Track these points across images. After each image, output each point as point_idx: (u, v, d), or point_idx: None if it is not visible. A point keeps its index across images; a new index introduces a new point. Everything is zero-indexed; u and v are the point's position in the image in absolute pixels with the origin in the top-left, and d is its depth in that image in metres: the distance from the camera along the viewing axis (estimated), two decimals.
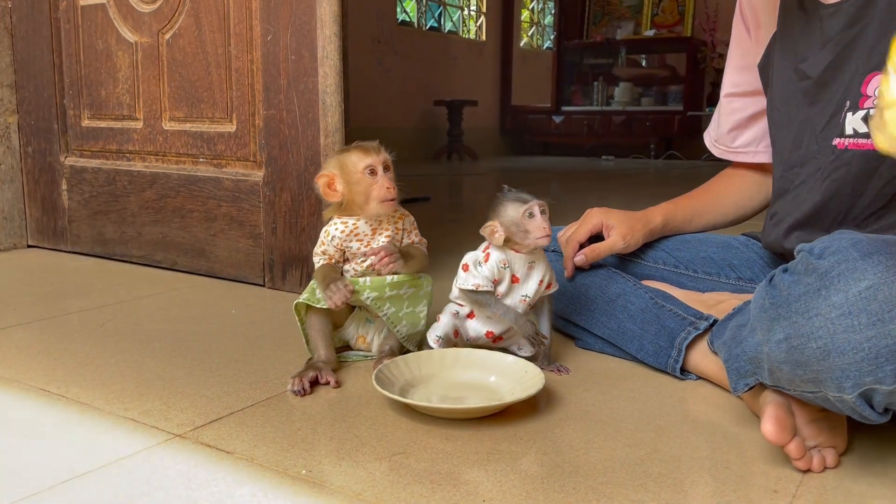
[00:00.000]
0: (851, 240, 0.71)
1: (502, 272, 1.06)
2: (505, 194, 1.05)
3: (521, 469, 0.81)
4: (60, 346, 1.23)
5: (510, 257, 1.06)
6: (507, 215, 1.04)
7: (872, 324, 0.67)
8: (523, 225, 1.03)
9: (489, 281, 1.06)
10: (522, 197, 1.04)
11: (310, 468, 0.81)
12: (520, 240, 1.04)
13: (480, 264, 1.07)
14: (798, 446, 0.78)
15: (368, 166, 1.06)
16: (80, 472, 0.80)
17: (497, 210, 1.05)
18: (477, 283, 1.06)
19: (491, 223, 1.05)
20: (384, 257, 1.07)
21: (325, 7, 1.43)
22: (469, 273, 1.07)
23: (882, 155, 0.96)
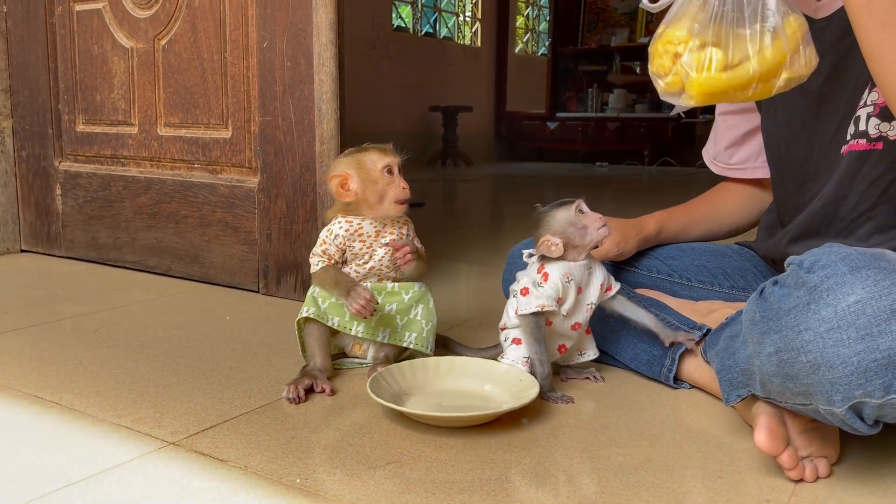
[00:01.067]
0: (840, 254, 0.71)
1: (566, 287, 1.03)
2: (543, 208, 1.04)
3: (515, 478, 0.82)
4: (54, 353, 1.23)
5: (571, 269, 1.03)
6: (558, 221, 1.02)
7: (861, 338, 0.67)
8: (579, 222, 1.01)
9: (553, 300, 1.02)
10: (564, 201, 1.03)
11: (304, 477, 0.81)
12: (579, 240, 1.02)
13: (540, 285, 1.03)
14: (790, 456, 0.79)
15: (386, 166, 1.07)
16: (73, 480, 0.80)
17: (543, 224, 1.03)
18: (542, 304, 1.01)
19: (543, 238, 1.02)
20: (408, 253, 1.07)
21: (322, 14, 1.43)
22: (531, 295, 1.03)
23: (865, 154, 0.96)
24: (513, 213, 3.56)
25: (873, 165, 0.95)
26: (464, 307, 1.61)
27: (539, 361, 1.03)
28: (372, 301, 1.04)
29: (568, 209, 1.02)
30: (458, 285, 1.84)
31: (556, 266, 1.03)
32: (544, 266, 1.04)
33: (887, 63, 0.77)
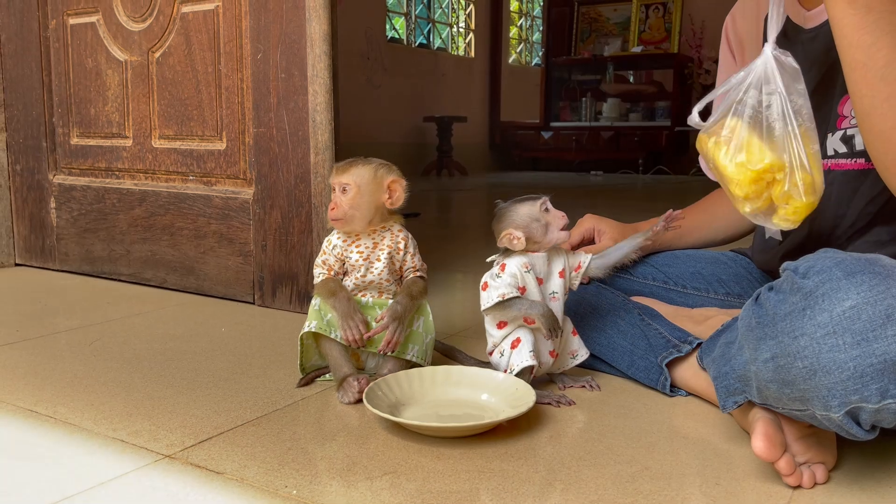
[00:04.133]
0: (835, 259, 0.72)
1: (525, 277, 1.03)
2: (506, 203, 1.05)
3: (512, 487, 0.81)
4: (48, 366, 1.22)
5: (531, 259, 1.04)
6: (521, 216, 1.02)
7: (857, 343, 0.67)
8: (543, 219, 1.02)
9: (513, 288, 1.03)
10: (530, 196, 1.04)
11: (300, 488, 0.81)
12: (541, 237, 1.02)
13: (498, 276, 1.04)
14: (788, 462, 0.79)
15: (332, 184, 1.09)
16: (69, 494, 0.79)
17: (506, 218, 1.03)
18: (502, 293, 1.02)
19: (506, 231, 1.03)
20: (390, 341, 1.06)
21: (315, 26, 1.44)
22: (490, 288, 1.04)
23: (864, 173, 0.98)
24: None
25: (871, 184, 0.95)
26: (459, 317, 1.61)
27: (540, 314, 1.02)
28: (361, 339, 1.05)
29: (532, 205, 1.03)
30: (454, 295, 1.84)
31: (514, 258, 1.04)
32: (503, 260, 1.05)
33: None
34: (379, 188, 1.08)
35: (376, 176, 1.08)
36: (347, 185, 1.07)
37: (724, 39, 1.23)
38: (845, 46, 0.79)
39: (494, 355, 1.09)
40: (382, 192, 1.08)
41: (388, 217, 1.11)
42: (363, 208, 1.07)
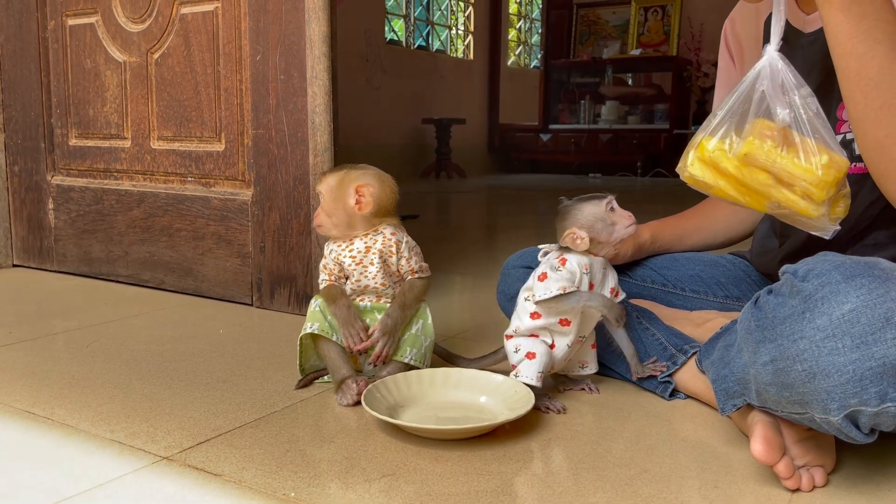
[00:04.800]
0: (834, 262, 0.72)
1: (583, 278, 1.01)
2: (571, 201, 1.03)
3: (511, 490, 0.81)
4: (45, 368, 1.22)
5: (590, 261, 1.02)
6: (587, 215, 1.00)
7: (856, 346, 0.67)
8: (609, 218, 1.00)
9: (572, 283, 1.00)
10: (595, 195, 1.02)
11: (298, 491, 0.81)
12: (605, 237, 1.00)
13: (558, 269, 1.01)
14: (787, 466, 0.79)
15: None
16: (66, 496, 0.79)
17: (570, 216, 1.01)
18: (563, 286, 0.99)
19: (569, 231, 1.00)
20: (379, 355, 1.07)
21: (315, 28, 1.44)
22: (549, 280, 1.01)
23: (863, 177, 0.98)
24: (506, 224, 3.56)
25: (870, 189, 0.95)
26: (458, 319, 1.61)
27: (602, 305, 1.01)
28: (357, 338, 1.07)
29: (598, 204, 1.01)
30: (453, 297, 1.84)
31: (576, 255, 1.01)
32: (563, 254, 1.02)
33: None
34: (345, 194, 1.09)
35: (342, 182, 1.09)
36: (320, 194, 1.11)
37: (724, 43, 1.22)
38: (839, 54, 0.79)
39: (512, 341, 1.06)
40: (349, 197, 1.08)
41: (380, 220, 1.11)
42: (335, 215, 1.10)
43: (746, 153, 0.81)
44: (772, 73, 0.82)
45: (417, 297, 1.12)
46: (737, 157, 0.82)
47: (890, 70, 0.76)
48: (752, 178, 0.82)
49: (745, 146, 0.81)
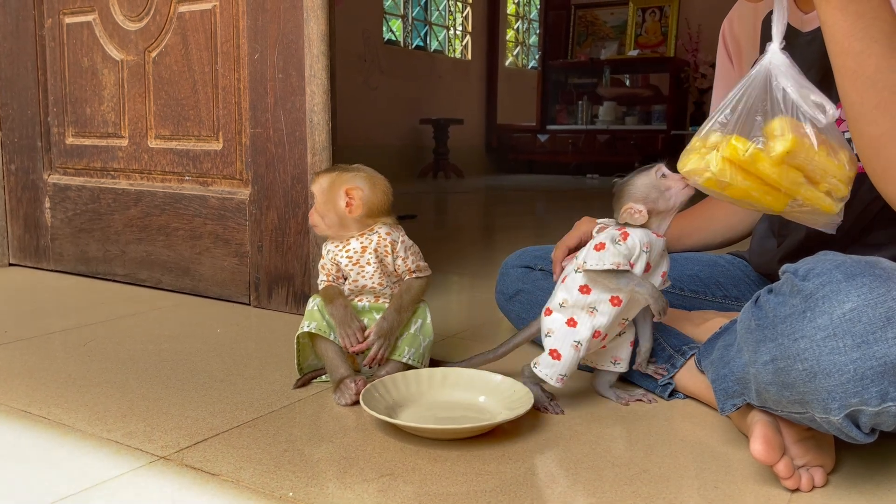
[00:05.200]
0: (835, 262, 0.71)
1: (641, 256, 0.97)
2: (623, 179, 1.00)
3: (510, 490, 0.81)
4: (42, 367, 1.22)
5: (652, 241, 0.98)
6: (639, 188, 0.97)
7: (857, 346, 0.67)
8: (662, 185, 0.97)
9: (627, 260, 0.96)
10: (644, 168, 0.99)
11: (296, 490, 0.80)
12: (663, 204, 0.97)
13: (618, 242, 0.97)
14: (787, 466, 0.78)
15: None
16: (63, 496, 0.79)
17: (625, 193, 0.98)
18: (617, 262, 0.95)
19: (626, 206, 0.97)
20: (374, 357, 1.07)
21: (313, 26, 1.43)
22: (606, 251, 0.96)
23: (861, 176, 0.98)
24: (504, 225, 3.56)
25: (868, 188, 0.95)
26: (456, 319, 1.60)
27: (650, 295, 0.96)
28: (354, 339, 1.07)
29: (648, 174, 0.98)
30: (451, 297, 1.83)
31: (638, 232, 0.98)
32: (625, 228, 0.99)
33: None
34: (336, 196, 1.09)
35: (333, 185, 1.10)
36: (313, 194, 1.11)
37: (722, 44, 1.22)
38: (836, 53, 0.79)
39: (550, 319, 1.02)
40: (341, 199, 1.08)
41: (374, 220, 1.10)
42: (327, 216, 1.10)
43: (789, 151, 0.80)
44: (788, 73, 0.82)
45: (415, 298, 1.12)
46: (777, 156, 0.80)
47: (887, 69, 0.76)
48: (786, 177, 0.81)
49: (789, 144, 0.80)
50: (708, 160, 0.84)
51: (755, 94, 0.82)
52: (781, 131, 0.80)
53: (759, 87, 0.82)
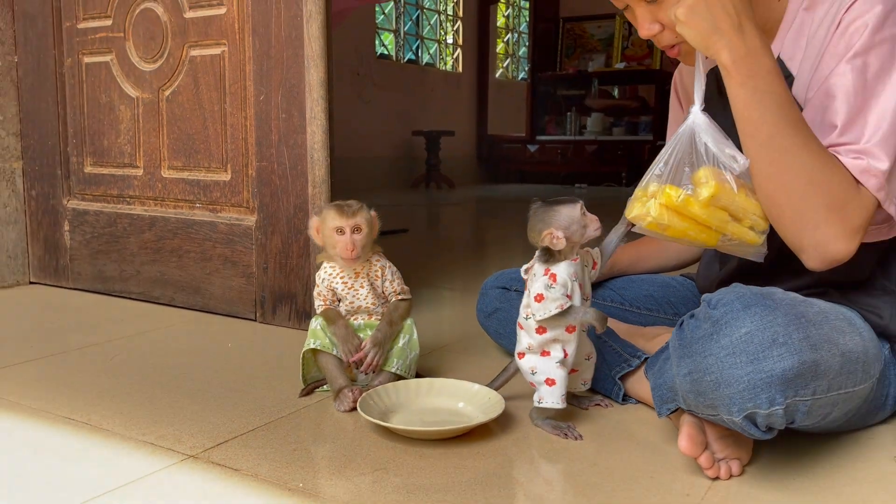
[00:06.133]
0: (737, 293, 0.89)
1: (573, 286, 1.09)
2: (543, 204, 1.10)
3: (482, 480, 0.98)
4: (77, 380, 1.38)
5: (574, 268, 1.10)
6: (563, 217, 1.08)
7: (750, 361, 0.85)
8: (583, 221, 1.09)
9: (565, 297, 1.08)
10: (566, 198, 1.10)
11: (305, 482, 0.97)
12: (578, 237, 1.09)
13: (551, 287, 1.08)
14: (707, 458, 0.96)
15: (337, 227, 1.24)
16: (110, 488, 0.96)
17: (547, 218, 1.08)
18: (560, 304, 1.07)
19: (547, 231, 1.07)
20: (370, 364, 1.24)
21: (314, 74, 1.61)
22: (547, 300, 1.08)
23: None
24: (495, 237, 3.73)
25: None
26: (448, 332, 1.77)
27: (593, 318, 1.09)
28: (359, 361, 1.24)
29: (573, 207, 1.09)
30: (442, 311, 2.00)
31: (561, 267, 1.09)
32: (549, 269, 1.10)
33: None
34: (374, 226, 1.27)
35: (371, 215, 1.27)
36: (361, 226, 1.24)
37: (673, 92, 1.40)
38: (738, 119, 0.97)
39: (526, 360, 1.14)
40: (376, 229, 1.26)
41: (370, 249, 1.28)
42: (368, 245, 1.27)
43: (713, 195, 0.96)
44: (708, 130, 0.99)
45: (402, 315, 1.30)
46: (704, 199, 0.96)
47: (777, 134, 0.93)
48: (714, 217, 0.97)
49: (713, 189, 0.95)
50: (648, 207, 1.00)
51: (683, 149, 0.99)
52: (706, 179, 0.97)
53: (686, 142, 1.00)
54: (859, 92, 0.97)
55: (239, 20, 1.74)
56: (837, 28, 1.01)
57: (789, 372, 0.84)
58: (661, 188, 0.99)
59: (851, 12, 0.99)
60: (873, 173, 0.95)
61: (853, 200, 0.95)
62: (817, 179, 0.94)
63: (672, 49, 1.10)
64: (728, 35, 0.93)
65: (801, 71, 1.06)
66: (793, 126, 0.94)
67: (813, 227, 0.96)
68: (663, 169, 1.00)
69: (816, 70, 1.03)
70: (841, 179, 0.95)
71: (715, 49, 0.95)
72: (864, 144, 0.96)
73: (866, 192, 0.96)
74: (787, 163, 0.94)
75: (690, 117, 1.00)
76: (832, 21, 1.01)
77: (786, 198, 0.95)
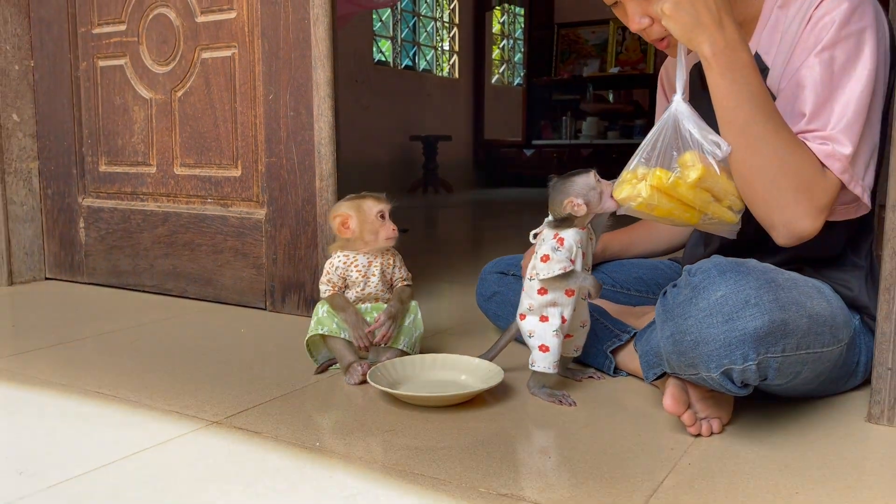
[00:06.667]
0: (714, 262, 0.98)
1: (577, 252, 1.16)
2: (560, 178, 1.18)
3: (484, 440, 1.07)
4: (101, 360, 1.47)
5: (580, 235, 1.17)
6: (579, 186, 1.15)
7: (725, 321, 0.94)
8: (599, 187, 1.15)
9: (569, 260, 1.15)
10: (580, 170, 1.16)
11: (322, 441, 1.06)
12: (596, 204, 1.15)
13: (558, 249, 1.16)
14: (690, 416, 1.05)
15: (380, 211, 1.34)
16: (146, 447, 1.04)
17: (564, 189, 1.16)
18: (564, 266, 1.15)
19: (568, 199, 1.15)
20: (385, 335, 1.33)
21: (321, 73, 1.70)
22: (552, 261, 1.16)
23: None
24: (491, 237, 3.83)
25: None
26: (446, 318, 1.86)
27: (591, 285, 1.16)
28: (369, 345, 1.33)
29: (587, 175, 1.15)
30: (442, 301, 2.09)
31: (569, 232, 1.17)
32: (558, 233, 1.17)
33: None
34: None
35: None
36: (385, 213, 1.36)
37: (660, 86, 1.49)
38: (717, 107, 1.06)
39: (526, 322, 1.22)
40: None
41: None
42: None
43: (700, 177, 1.04)
44: (690, 118, 1.07)
45: (409, 296, 1.39)
46: (693, 181, 1.05)
47: (752, 121, 1.03)
48: (699, 198, 1.06)
49: (700, 172, 1.04)
50: (638, 188, 1.09)
51: (670, 135, 1.08)
52: (692, 162, 1.06)
53: (672, 128, 1.08)
54: (826, 83, 1.06)
55: (249, 24, 1.83)
56: (808, 23, 1.10)
57: (760, 330, 0.93)
58: (650, 171, 1.07)
59: (820, 9, 1.09)
60: (837, 157, 1.04)
61: (819, 182, 1.04)
62: (787, 163, 1.03)
63: (661, 42, 1.19)
64: (709, 29, 1.02)
65: (775, 63, 1.15)
66: (766, 114, 1.03)
67: (783, 207, 1.05)
68: (651, 153, 1.08)
69: (788, 62, 1.12)
70: (809, 164, 1.04)
71: (697, 42, 1.03)
72: (829, 131, 1.05)
73: (831, 175, 1.05)
74: (760, 148, 1.04)
75: (673, 105, 1.09)
76: (803, 17, 1.11)
77: (759, 179, 1.05)
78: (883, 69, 1.08)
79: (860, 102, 1.05)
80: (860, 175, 1.07)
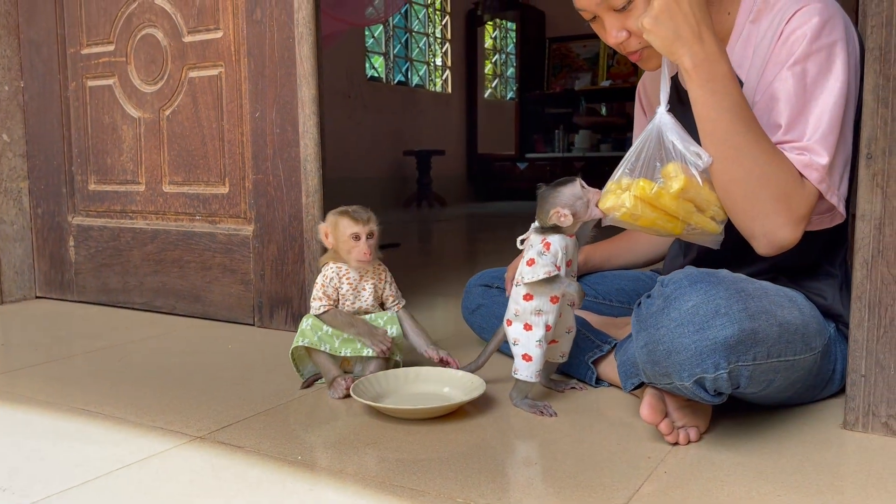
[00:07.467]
0: (685, 273, 1.00)
1: (562, 258, 1.17)
2: (548, 187, 1.18)
3: (466, 452, 1.08)
4: (88, 378, 1.48)
5: (567, 242, 1.18)
6: (566, 196, 1.16)
7: (696, 331, 0.96)
8: (585, 196, 1.17)
9: (554, 266, 1.16)
10: (566, 179, 1.18)
11: (304, 455, 1.07)
12: (583, 213, 1.16)
13: (544, 254, 1.17)
14: (667, 425, 1.06)
15: (354, 234, 1.34)
16: (128, 463, 1.05)
17: (551, 199, 1.17)
18: (548, 270, 1.16)
19: (554, 210, 1.16)
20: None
21: (305, 91, 1.72)
22: (536, 265, 1.17)
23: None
24: (484, 250, 3.84)
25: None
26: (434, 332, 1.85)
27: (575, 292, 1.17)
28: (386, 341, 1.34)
29: (573, 185, 1.17)
30: (435, 314, 2.10)
31: (556, 238, 1.18)
32: (545, 238, 1.18)
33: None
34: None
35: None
36: (373, 231, 1.35)
37: (638, 101, 1.52)
38: (698, 118, 1.08)
39: (512, 329, 1.23)
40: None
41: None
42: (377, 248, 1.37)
43: (683, 188, 1.06)
44: (673, 129, 1.09)
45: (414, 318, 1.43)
46: (676, 192, 1.06)
47: (733, 132, 1.04)
48: (682, 208, 1.08)
49: (683, 183, 1.05)
50: (623, 199, 1.10)
51: (653, 146, 1.10)
52: (675, 173, 1.08)
53: (655, 140, 1.10)
54: (800, 95, 1.08)
55: (235, 43, 1.86)
56: (780, 38, 1.12)
57: (731, 339, 0.95)
58: (634, 181, 1.08)
59: (791, 23, 1.11)
60: (815, 167, 1.06)
61: (798, 192, 1.06)
62: (767, 173, 1.05)
63: (635, 54, 1.21)
64: (689, 42, 1.04)
65: (749, 77, 1.17)
66: (746, 125, 1.05)
67: (763, 216, 1.07)
68: (635, 164, 1.10)
69: (762, 76, 1.14)
70: (788, 173, 1.06)
71: (678, 55, 1.05)
72: (805, 142, 1.07)
73: (809, 185, 1.07)
74: (740, 158, 1.05)
75: (657, 117, 1.11)
76: (775, 31, 1.13)
77: (739, 189, 1.06)
78: (854, 81, 1.11)
79: (834, 113, 1.07)
80: (836, 185, 1.09)
